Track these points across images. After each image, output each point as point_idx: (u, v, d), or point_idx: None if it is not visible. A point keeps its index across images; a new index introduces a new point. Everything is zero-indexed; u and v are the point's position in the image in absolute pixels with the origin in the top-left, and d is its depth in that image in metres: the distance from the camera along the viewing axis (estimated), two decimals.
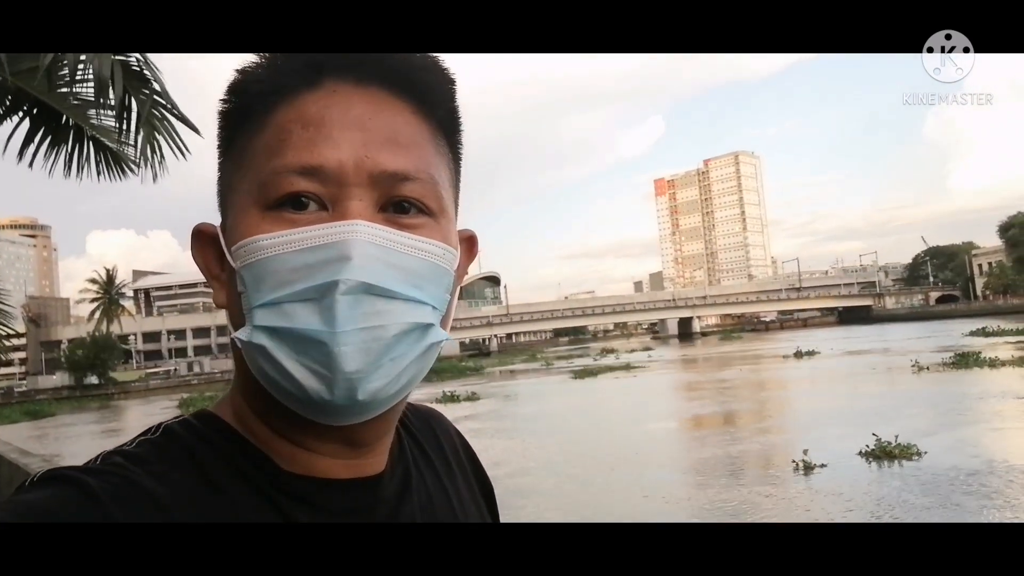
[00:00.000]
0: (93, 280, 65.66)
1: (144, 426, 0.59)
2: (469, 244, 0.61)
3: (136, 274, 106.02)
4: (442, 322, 0.55)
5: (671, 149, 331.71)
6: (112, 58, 3.43)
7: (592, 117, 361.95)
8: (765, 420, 16.30)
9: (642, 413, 18.31)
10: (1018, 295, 75.67)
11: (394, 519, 0.59)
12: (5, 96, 3.87)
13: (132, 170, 4.39)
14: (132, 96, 3.87)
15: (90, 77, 3.64)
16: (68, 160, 4.27)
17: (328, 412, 0.52)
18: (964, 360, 22.45)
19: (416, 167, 0.53)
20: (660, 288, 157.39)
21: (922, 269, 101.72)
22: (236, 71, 0.56)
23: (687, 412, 18.70)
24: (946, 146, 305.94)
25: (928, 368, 22.01)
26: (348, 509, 0.56)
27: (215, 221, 0.58)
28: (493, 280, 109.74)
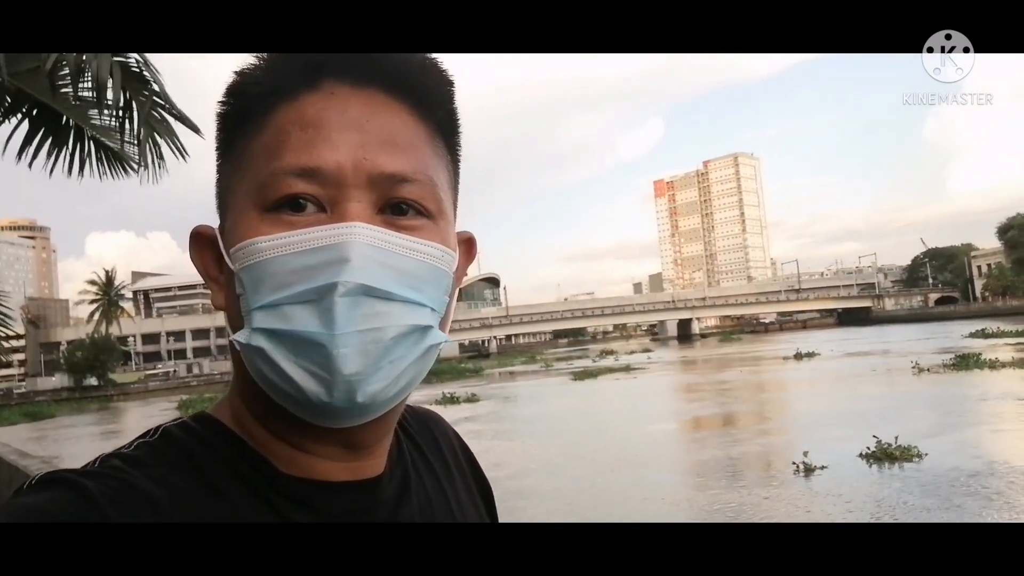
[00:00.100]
0: (92, 282, 65.73)
1: (143, 428, 0.58)
2: (468, 246, 0.61)
3: (135, 275, 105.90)
4: (441, 324, 0.55)
5: (670, 151, 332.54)
6: (111, 59, 3.43)
7: (591, 119, 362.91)
8: (766, 422, 16.29)
9: (642, 415, 18.30)
10: (1017, 297, 75.68)
11: (393, 521, 0.59)
12: (4, 97, 3.87)
13: (133, 169, 4.38)
14: (132, 97, 3.87)
15: (90, 77, 3.63)
16: (69, 160, 4.27)
17: (327, 414, 0.52)
18: (964, 362, 22.45)
19: (414, 169, 0.53)
20: (659, 290, 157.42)
21: (921, 271, 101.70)
22: (234, 73, 0.56)
23: (687, 414, 18.70)
24: (945, 148, 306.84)
25: (928, 370, 22.01)
26: (347, 511, 0.56)
27: (214, 223, 0.58)
28: (492, 282, 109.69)
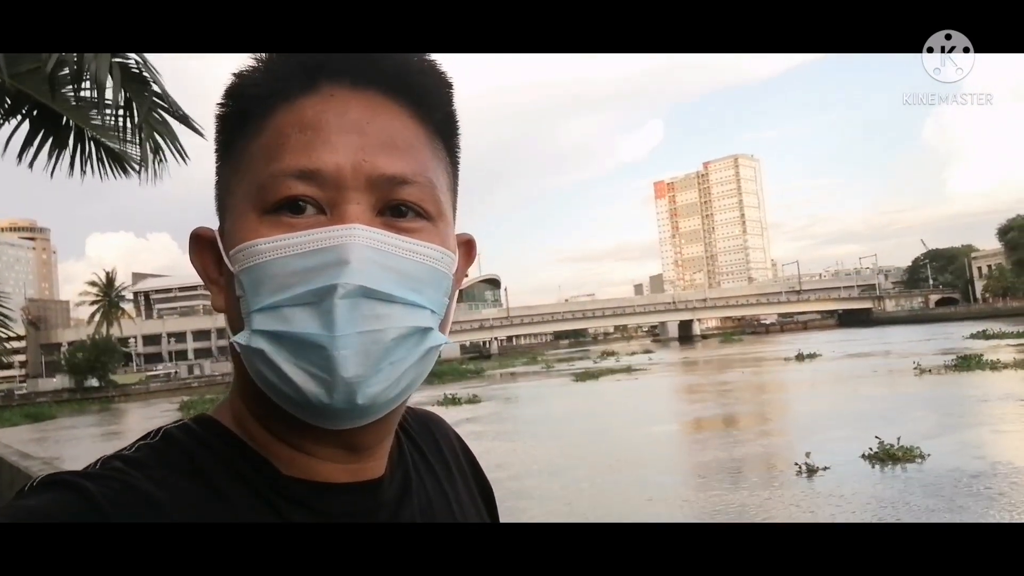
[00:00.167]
0: (93, 283, 65.70)
1: (144, 429, 0.59)
2: (467, 248, 0.61)
3: (136, 276, 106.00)
4: (441, 326, 0.55)
5: (671, 152, 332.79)
6: (111, 60, 3.43)
7: (591, 120, 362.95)
8: (768, 422, 16.27)
9: (644, 416, 18.27)
10: (1018, 298, 75.60)
11: (394, 523, 0.59)
12: (4, 98, 3.87)
13: (134, 169, 4.38)
14: (133, 98, 3.87)
15: (90, 78, 3.63)
16: (69, 161, 4.26)
17: (327, 416, 0.52)
18: (966, 363, 22.42)
19: (414, 171, 0.53)
20: (660, 291, 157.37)
21: (922, 272, 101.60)
22: (233, 75, 0.56)
23: (689, 415, 18.67)
24: (945, 149, 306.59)
25: (930, 371, 21.99)
26: (348, 513, 0.56)
27: (214, 224, 0.58)
28: (493, 283, 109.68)
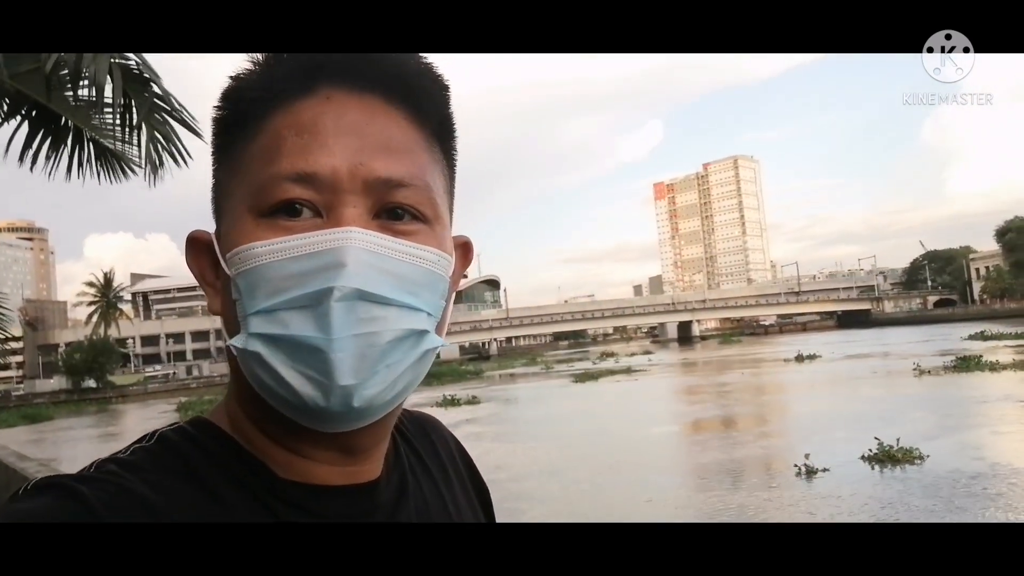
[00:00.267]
0: (91, 283, 65.63)
1: (142, 430, 0.58)
2: (464, 250, 0.61)
3: (134, 277, 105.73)
4: (437, 329, 0.55)
5: (670, 153, 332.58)
6: (111, 61, 3.43)
7: (591, 121, 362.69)
8: (769, 424, 16.30)
9: (644, 417, 18.28)
10: (1015, 299, 75.74)
11: (391, 523, 0.59)
12: (3, 99, 3.87)
13: (133, 171, 4.38)
14: (132, 98, 3.86)
15: (89, 79, 3.62)
16: (68, 162, 4.26)
17: (324, 419, 0.52)
18: (965, 364, 22.48)
19: (410, 174, 0.53)
20: (659, 292, 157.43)
21: (920, 273, 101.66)
22: (229, 77, 0.56)
23: (689, 416, 18.67)
24: (944, 150, 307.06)
25: (930, 372, 22.04)
26: (344, 516, 0.56)
27: (212, 226, 0.58)
28: (493, 284, 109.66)
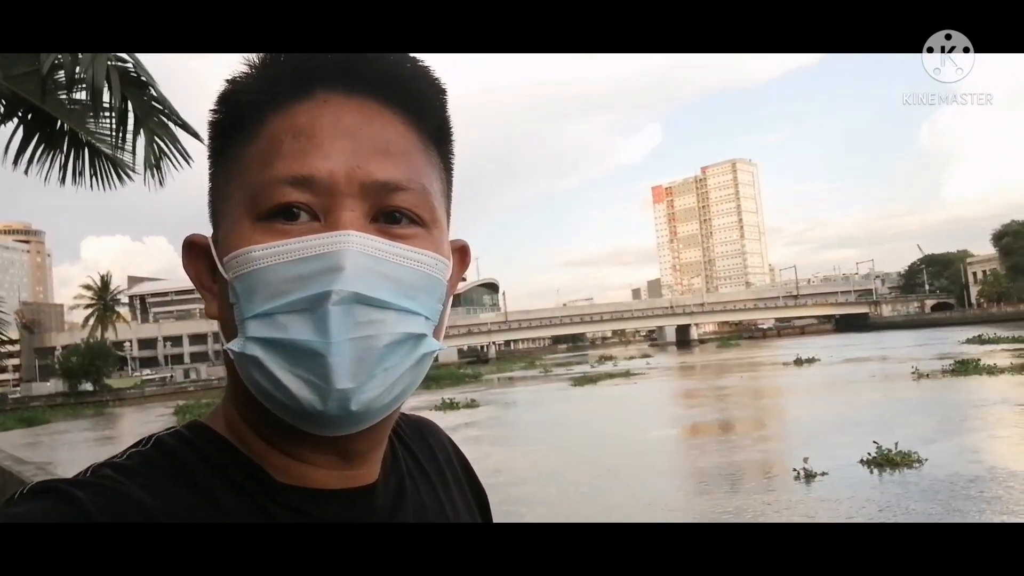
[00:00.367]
0: (88, 286, 65.48)
1: (139, 433, 0.58)
2: (461, 254, 0.61)
3: (131, 280, 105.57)
4: (435, 332, 0.55)
5: (668, 156, 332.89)
6: (108, 63, 3.42)
7: (589, 123, 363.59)
8: (767, 428, 16.30)
9: (643, 421, 18.28)
10: (1012, 303, 75.93)
11: (388, 523, 0.59)
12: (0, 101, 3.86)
13: (129, 177, 4.37)
14: (130, 101, 3.85)
15: (86, 81, 3.61)
16: (63, 167, 4.24)
17: (321, 423, 0.52)
18: (964, 367, 22.53)
19: (408, 177, 0.53)
20: (658, 295, 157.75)
21: (918, 277, 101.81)
22: (226, 81, 0.56)
23: (688, 420, 18.67)
24: (941, 154, 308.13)
25: (928, 375, 22.08)
26: (342, 519, 0.56)
27: (210, 228, 0.58)
28: (491, 287, 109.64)
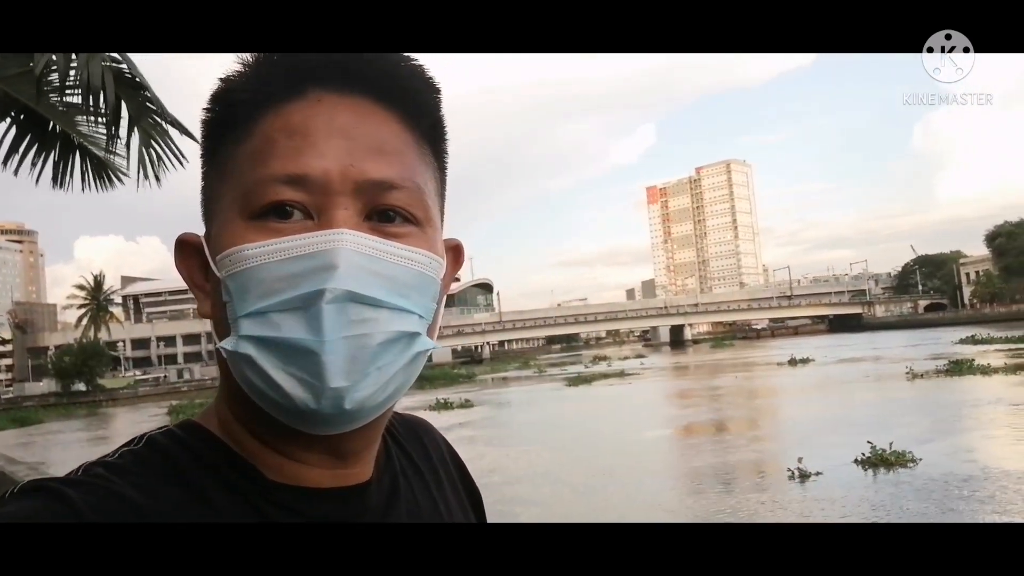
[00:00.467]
0: (81, 286, 65.03)
1: (133, 434, 0.58)
2: (455, 253, 0.61)
3: (124, 280, 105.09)
4: (428, 331, 0.55)
5: (663, 157, 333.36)
6: (102, 64, 3.40)
7: (584, 124, 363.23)
8: (762, 428, 16.34)
9: (638, 421, 18.27)
10: (1004, 303, 76.45)
11: (381, 523, 0.59)
12: None
13: (119, 180, 4.35)
14: (124, 102, 3.83)
15: (78, 82, 3.59)
16: (55, 168, 4.21)
17: (315, 421, 0.51)
18: (958, 367, 22.58)
19: (401, 176, 0.53)
20: (652, 296, 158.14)
21: (911, 277, 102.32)
22: (219, 79, 0.55)
23: (683, 420, 18.68)
24: (935, 156, 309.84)
25: (923, 375, 22.16)
26: (336, 518, 0.56)
27: (202, 227, 0.57)
28: (486, 287, 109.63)
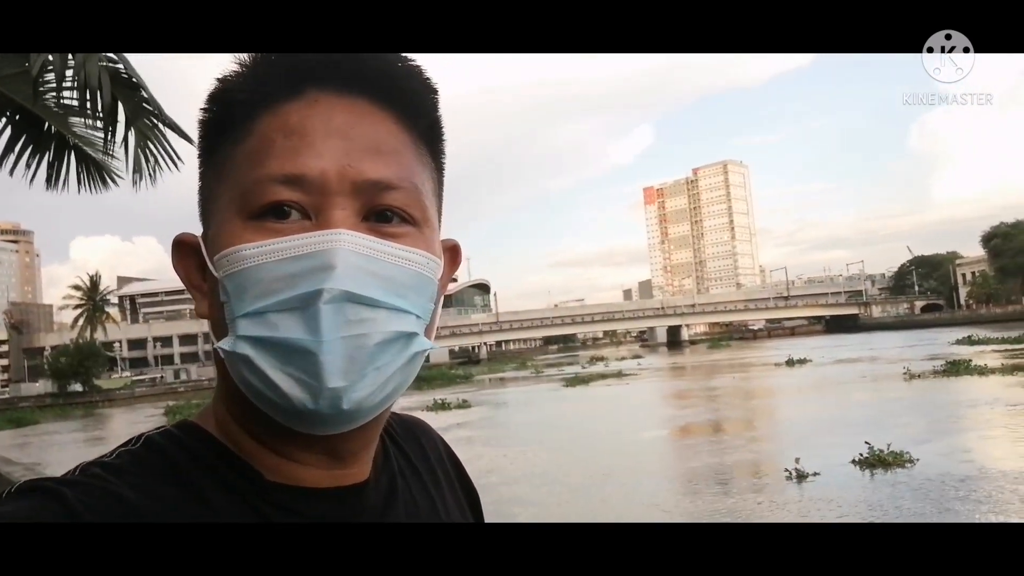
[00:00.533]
0: (77, 286, 64.84)
1: (129, 434, 0.58)
2: (452, 254, 0.61)
3: (121, 280, 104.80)
4: (426, 331, 0.55)
5: (660, 158, 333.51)
6: (99, 63, 3.39)
7: (581, 125, 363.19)
8: (759, 428, 16.36)
9: (635, 421, 18.28)
10: (1000, 304, 76.71)
11: (379, 523, 0.59)
12: None
13: (114, 181, 4.34)
14: (121, 102, 3.82)
15: (75, 83, 3.58)
16: (50, 169, 4.20)
17: (313, 422, 0.51)
18: (955, 368, 22.63)
19: (399, 176, 0.53)
20: (649, 296, 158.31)
21: (908, 278, 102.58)
22: (216, 80, 0.55)
23: (680, 420, 18.68)
24: (932, 156, 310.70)
25: (920, 376, 22.20)
26: (333, 518, 0.56)
27: (199, 227, 0.57)
28: (483, 288, 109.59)
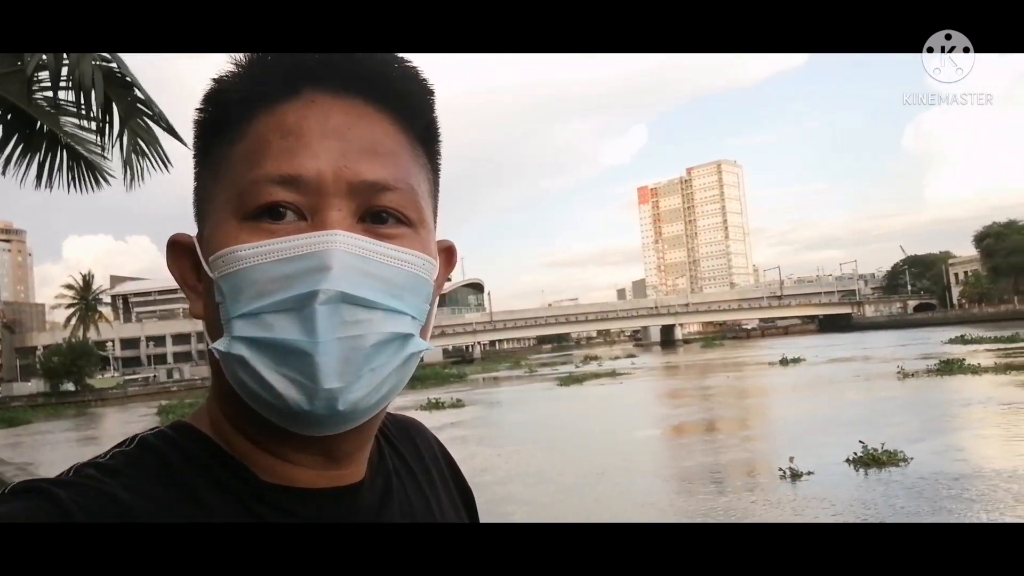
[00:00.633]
0: (69, 286, 64.45)
1: (122, 434, 0.58)
2: (448, 255, 0.61)
3: (114, 279, 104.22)
4: (421, 332, 0.55)
5: (654, 157, 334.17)
6: (93, 63, 3.36)
7: (576, 125, 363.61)
8: (754, 427, 16.41)
9: (629, 420, 18.31)
10: (992, 303, 77.22)
11: (375, 523, 0.59)
12: None
13: (106, 180, 4.31)
14: (114, 102, 3.79)
15: (69, 82, 3.55)
16: (40, 169, 4.17)
17: (308, 423, 0.51)
18: (948, 367, 22.71)
19: (395, 177, 0.53)
20: (643, 296, 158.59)
21: (901, 278, 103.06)
22: (212, 80, 0.55)
23: (674, 419, 18.72)
24: (925, 157, 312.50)
25: (913, 375, 22.29)
26: (329, 519, 0.56)
27: (194, 227, 0.57)
28: (477, 287, 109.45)
